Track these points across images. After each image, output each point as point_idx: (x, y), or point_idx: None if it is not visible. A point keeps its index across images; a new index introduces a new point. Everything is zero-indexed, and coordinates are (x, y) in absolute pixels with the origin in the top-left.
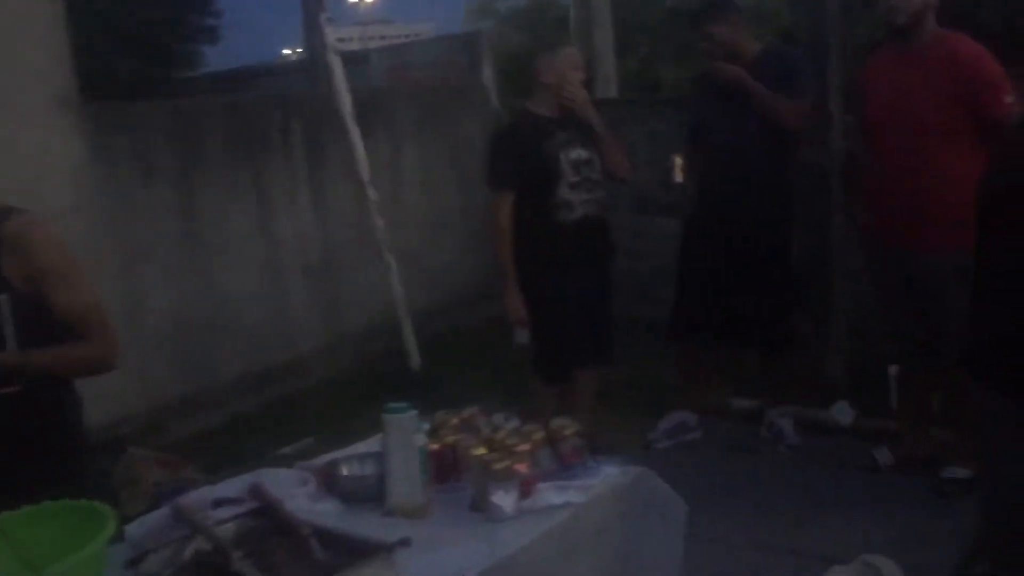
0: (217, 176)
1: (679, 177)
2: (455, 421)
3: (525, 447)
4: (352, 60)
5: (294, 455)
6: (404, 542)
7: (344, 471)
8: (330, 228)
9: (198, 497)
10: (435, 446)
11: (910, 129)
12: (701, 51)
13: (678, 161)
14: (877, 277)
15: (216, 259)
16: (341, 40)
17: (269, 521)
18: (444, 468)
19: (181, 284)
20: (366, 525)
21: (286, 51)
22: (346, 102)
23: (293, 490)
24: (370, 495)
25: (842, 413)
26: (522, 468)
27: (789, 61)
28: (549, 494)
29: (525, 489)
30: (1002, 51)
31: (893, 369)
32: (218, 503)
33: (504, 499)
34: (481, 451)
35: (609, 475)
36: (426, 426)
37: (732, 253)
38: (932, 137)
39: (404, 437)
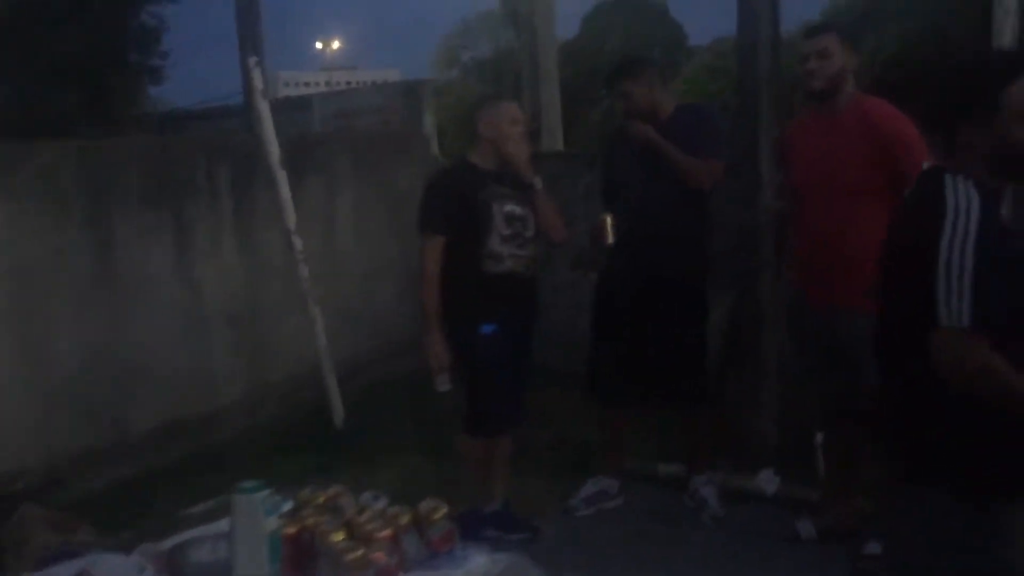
0: (134, 219)
1: (610, 238)
2: (320, 500)
3: (387, 533)
4: (294, 105)
5: (202, 515)
6: None
7: (191, 556)
8: (256, 276)
9: None
10: (291, 530)
11: (831, 192)
12: (617, 108)
13: (608, 220)
14: (802, 338)
15: (131, 305)
16: (307, 84)
17: None
18: (301, 555)
19: (92, 330)
20: None
21: None
22: (273, 148)
23: None
24: None
25: (767, 482)
26: (379, 558)
27: (703, 119)
28: None
29: None
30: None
31: (819, 437)
32: None
33: None
34: (338, 537)
35: (477, 565)
36: (288, 505)
37: (645, 311)
38: (852, 199)
39: (253, 520)
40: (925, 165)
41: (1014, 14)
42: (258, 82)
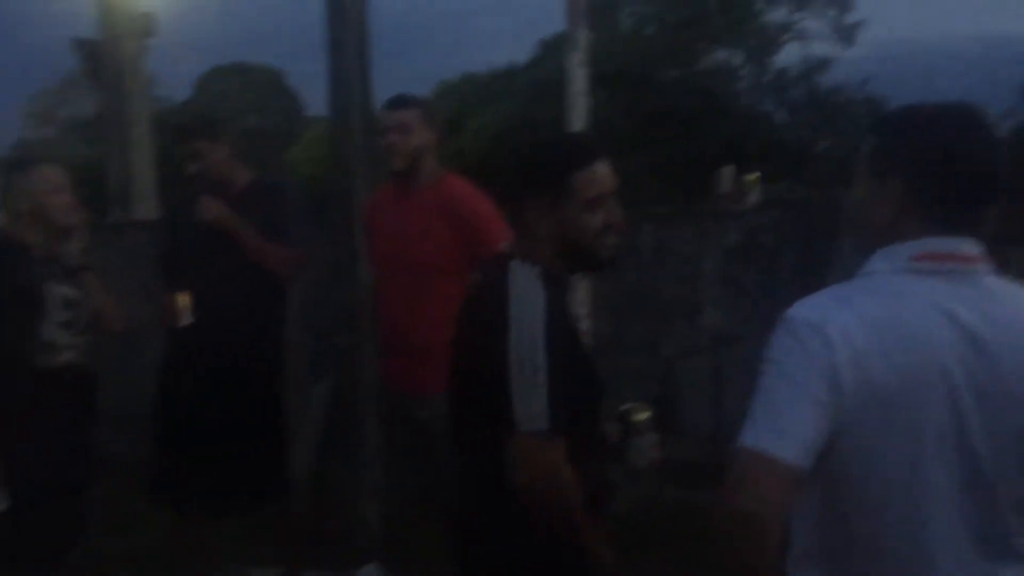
0: None
1: (184, 319)
2: None
3: None
4: None
5: None
6: None
7: None
8: None
9: None
10: None
11: (410, 271)
12: (187, 172)
13: (181, 298)
14: (388, 422)
15: None
16: None
17: None
18: None
19: None
20: None
21: None
22: None
23: None
24: None
25: None
26: None
27: (282, 200)
28: None
29: None
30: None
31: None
32: None
33: None
34: None
35: None
36: None
37: (209, 404)
38: (433, 279)
39: None
40: (504, 242)
41: (584, 95)
42: None
